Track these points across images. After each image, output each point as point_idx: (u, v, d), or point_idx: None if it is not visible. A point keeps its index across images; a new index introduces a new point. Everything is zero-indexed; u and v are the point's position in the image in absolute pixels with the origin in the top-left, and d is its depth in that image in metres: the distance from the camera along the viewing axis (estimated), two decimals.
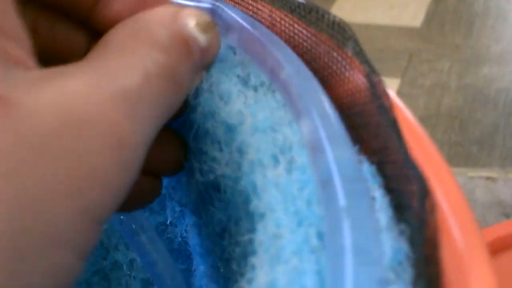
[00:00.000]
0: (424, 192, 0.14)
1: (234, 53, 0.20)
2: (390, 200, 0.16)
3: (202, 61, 0.19)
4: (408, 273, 0.14)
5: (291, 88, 0.17)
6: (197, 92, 0.20)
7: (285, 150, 0.17)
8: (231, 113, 0.18)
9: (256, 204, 0.16)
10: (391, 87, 0.86)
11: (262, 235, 0.16)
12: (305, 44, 0.18)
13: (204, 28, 0.19)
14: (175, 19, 0.18)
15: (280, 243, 0.15)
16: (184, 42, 0.18)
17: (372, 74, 0.16)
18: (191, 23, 0.18)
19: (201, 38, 0.19)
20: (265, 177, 0.16)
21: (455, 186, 0.16)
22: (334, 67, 0.17)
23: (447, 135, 0.83)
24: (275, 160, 0.17)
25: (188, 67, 0.18)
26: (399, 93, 0.93)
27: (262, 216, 0.16)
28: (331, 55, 0.17)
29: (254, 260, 0.16)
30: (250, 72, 0.19)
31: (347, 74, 0.17)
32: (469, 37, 1.09)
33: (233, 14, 0.21)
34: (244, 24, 0.20)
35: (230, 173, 0.18)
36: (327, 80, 0.18)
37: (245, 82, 0.19)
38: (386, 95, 0.16)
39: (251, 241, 0.16)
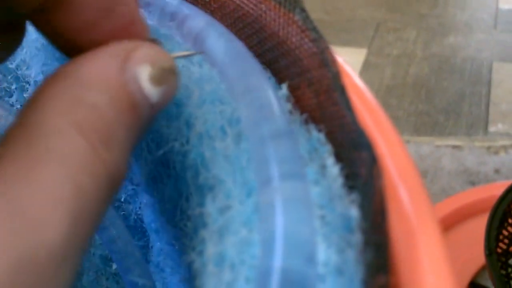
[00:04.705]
0: (372, 159, 0.14)
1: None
2: (342, 168, 0.15)
3: (150, 117, 0.14)
4: (359, 241, 0.14)
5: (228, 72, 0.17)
6: None
7: (232, 122, 0.16)
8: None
9: (205, 177, 0.16)
10: (358, 57, 0.86)
11: (212, 207, 0.15)
12: (252, 12, 0.18)
13: (159, 79, 0.14)
14: (123, 69, 0.14)
15: (230, 214, 0.15)
16: (130, 105, 0.14)
17: (319, 40, 0.15)
18: (143, 75, 0.14)
19: (153, 94, 0.14)
20: (213, 149, 0.16)
21: (404, 153, 0.16)
22: (281, 34, 0.17)
23: (414, 104, 0.84)
24: (223, 132, 0.16)
25: (132, 131, 0.14)
26: (366, 62, 0.93)
27: (212, 188, 0.16)
28: (278, 22, 0.17)
29: (204, 232, 0.15)
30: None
31: (294, 40, 0.16)
32: (435, 6, 1.09)
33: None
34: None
35: (178, 147, 0.18)
36: (276, 49, 0.17)
37: (188, 59, 0.18)
38: (335, 61, 0.15)
39: (201, 215, 0.16)
